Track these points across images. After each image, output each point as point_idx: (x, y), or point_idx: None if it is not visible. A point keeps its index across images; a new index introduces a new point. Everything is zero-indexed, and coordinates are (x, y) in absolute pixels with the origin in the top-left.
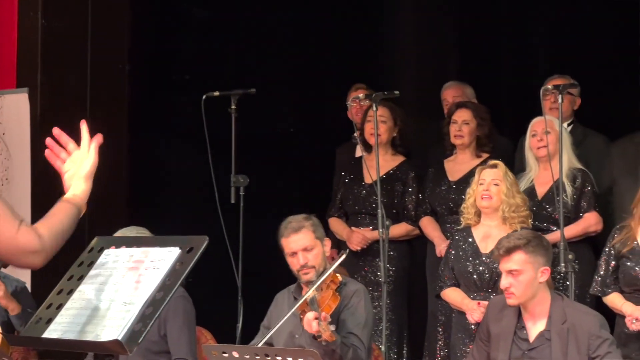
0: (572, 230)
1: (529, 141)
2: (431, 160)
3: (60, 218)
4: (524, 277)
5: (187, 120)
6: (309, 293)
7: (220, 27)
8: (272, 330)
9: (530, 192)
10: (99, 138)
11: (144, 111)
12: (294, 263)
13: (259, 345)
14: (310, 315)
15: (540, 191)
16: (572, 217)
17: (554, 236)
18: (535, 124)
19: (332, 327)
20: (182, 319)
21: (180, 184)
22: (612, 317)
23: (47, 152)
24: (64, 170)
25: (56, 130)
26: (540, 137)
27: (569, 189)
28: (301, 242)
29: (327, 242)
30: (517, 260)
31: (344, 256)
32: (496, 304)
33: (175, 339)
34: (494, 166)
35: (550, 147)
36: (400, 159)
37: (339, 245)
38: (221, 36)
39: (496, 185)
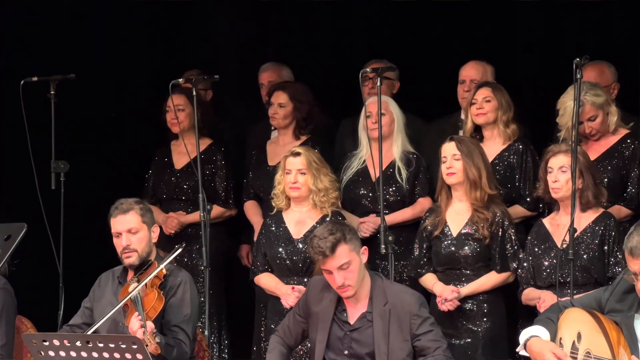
0: (407, 213)
1: (363, 121)
2: (252, 142)
3: None
4: (354, 265)
5: (5, 106)
6: (134, 292)
7: (38, 12)
8: (96, 324)
9: (364, 173)
10: None
11: None
12: (118, 244)
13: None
14: (135, 323)
15: (374, 174)
16: (408, 201)
17: (388, 219)
18: (370, 105)
19: (158, 339)
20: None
21: None
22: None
23: None
24: None
25: None
26: (375, 118)
27: (403, 172)
28: (127, 224)
29: (155, 229)
30: (343, 253)
31: (179, 250)
32: (316, 284)
33: None
34: (297, 154)
35: (384, 128)
36: (207, 141)
37: None
38: (40, 21)
39: (303, 174)
